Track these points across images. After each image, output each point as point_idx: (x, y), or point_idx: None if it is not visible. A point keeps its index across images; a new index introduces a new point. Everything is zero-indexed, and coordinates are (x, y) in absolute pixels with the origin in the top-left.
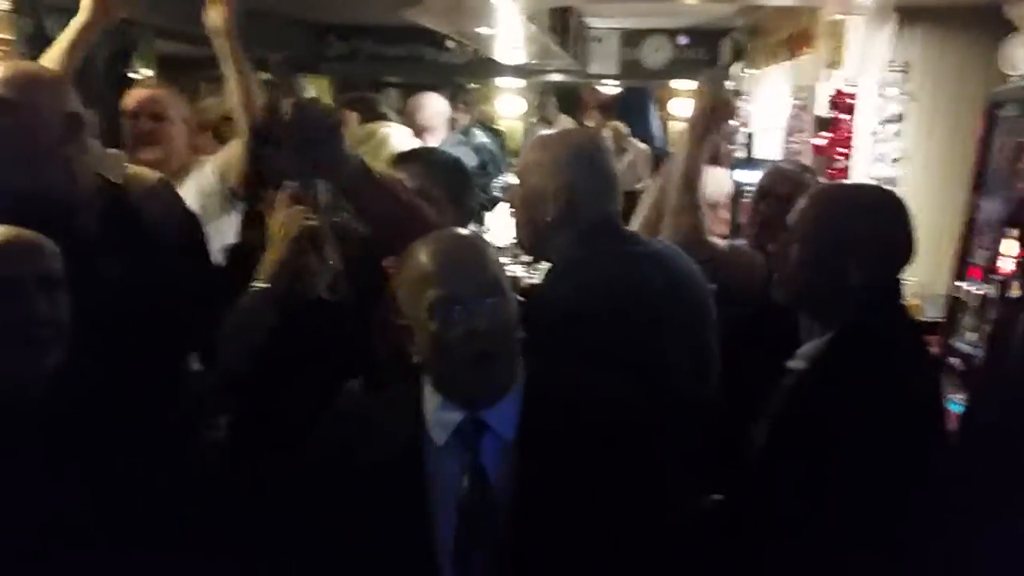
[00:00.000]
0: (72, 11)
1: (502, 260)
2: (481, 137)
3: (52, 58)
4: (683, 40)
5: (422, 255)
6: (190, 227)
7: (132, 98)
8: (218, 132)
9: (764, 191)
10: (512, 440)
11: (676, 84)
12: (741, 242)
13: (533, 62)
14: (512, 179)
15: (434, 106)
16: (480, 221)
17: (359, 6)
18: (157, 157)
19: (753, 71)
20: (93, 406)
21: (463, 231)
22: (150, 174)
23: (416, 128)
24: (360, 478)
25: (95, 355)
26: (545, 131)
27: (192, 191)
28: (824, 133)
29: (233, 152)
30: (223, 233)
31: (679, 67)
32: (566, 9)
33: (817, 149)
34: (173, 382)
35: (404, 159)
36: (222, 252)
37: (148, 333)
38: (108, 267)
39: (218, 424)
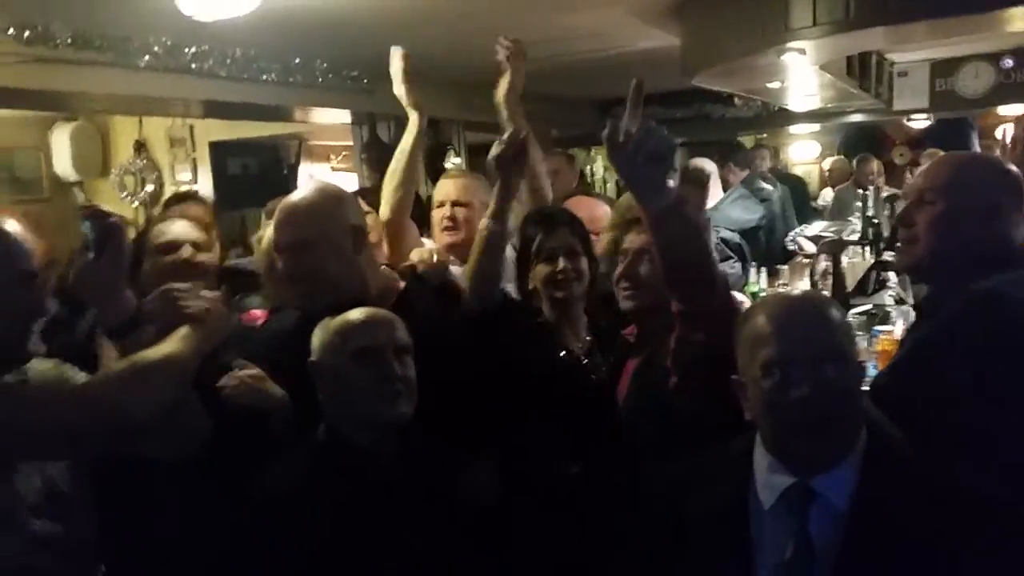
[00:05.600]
0: (398, 118)
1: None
2: (765, 190)
3: (400, 163)
4: (1008, 63)
5: (761, 314)
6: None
7: (440, 188)
8: None
9: None
10: (844, 510)
11: (1003, 110)
12: None
13: (829, 106)
14: (809, 231)
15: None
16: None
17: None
18: (456, 240)
19: None
20: (428, 453)
21: (808, 292)
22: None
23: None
24: (686, 528)
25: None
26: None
27: None
28: None
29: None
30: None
31: (1005, 92)
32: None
33: None
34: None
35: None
36: None
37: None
38: None
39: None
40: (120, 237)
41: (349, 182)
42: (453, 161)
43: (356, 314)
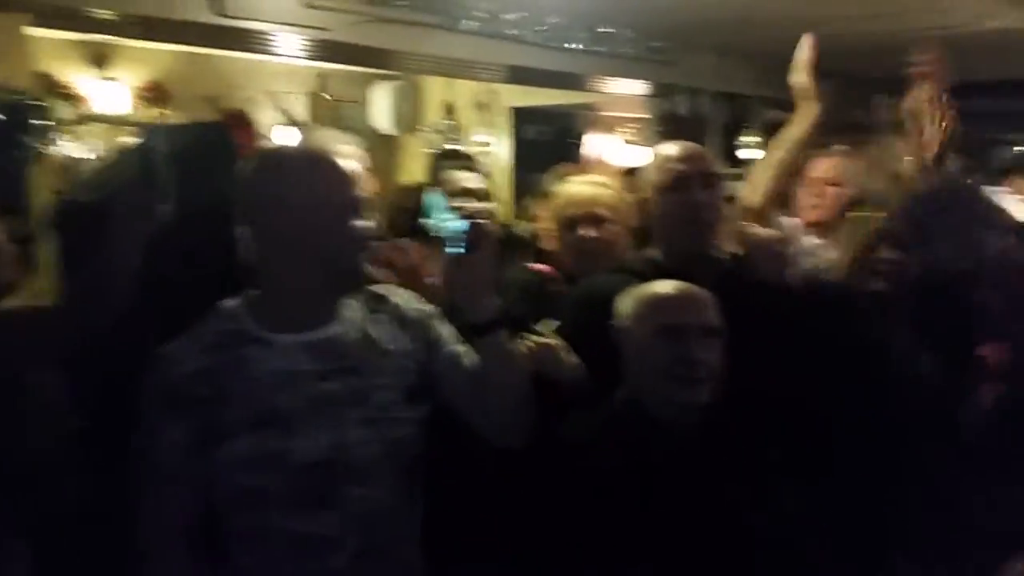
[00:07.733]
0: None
1: None
2: None
3: (782, 153)
4: None
5: None
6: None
7: (817, 168)
8: None
9: None
10: None
11: None
12: None
13: None
14: None
15: None
16: None
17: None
18: (820, 219)
19: None
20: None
21: None
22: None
23: None
24: None
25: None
26: None
27: None
28: None
29: None
30: None
31: None
32: None
33: None
34: None
35: None
36: None
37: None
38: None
39: None
40: (491, 238)
41: (642, 156)
42: (748, 139)
43: (667, 288)
